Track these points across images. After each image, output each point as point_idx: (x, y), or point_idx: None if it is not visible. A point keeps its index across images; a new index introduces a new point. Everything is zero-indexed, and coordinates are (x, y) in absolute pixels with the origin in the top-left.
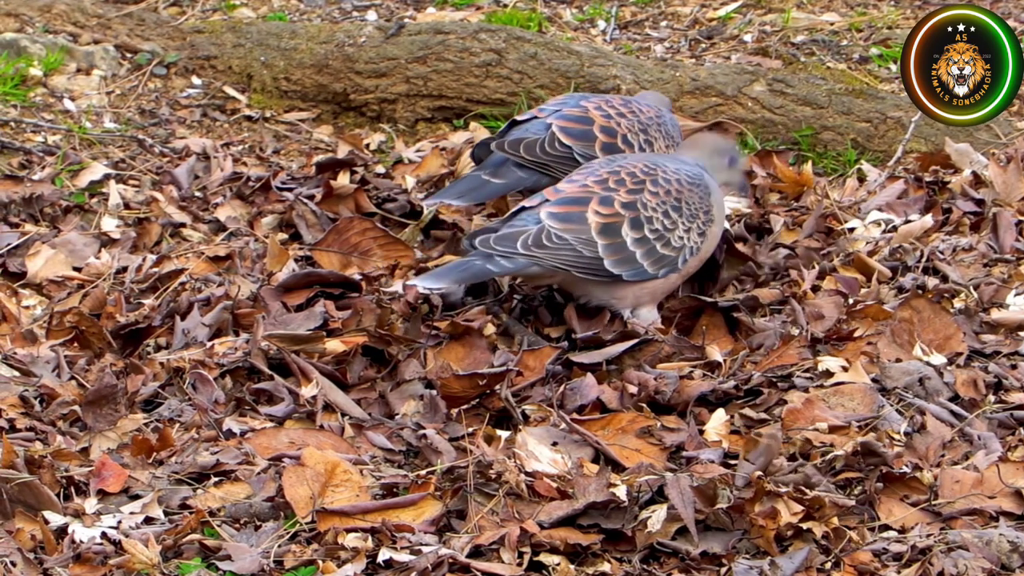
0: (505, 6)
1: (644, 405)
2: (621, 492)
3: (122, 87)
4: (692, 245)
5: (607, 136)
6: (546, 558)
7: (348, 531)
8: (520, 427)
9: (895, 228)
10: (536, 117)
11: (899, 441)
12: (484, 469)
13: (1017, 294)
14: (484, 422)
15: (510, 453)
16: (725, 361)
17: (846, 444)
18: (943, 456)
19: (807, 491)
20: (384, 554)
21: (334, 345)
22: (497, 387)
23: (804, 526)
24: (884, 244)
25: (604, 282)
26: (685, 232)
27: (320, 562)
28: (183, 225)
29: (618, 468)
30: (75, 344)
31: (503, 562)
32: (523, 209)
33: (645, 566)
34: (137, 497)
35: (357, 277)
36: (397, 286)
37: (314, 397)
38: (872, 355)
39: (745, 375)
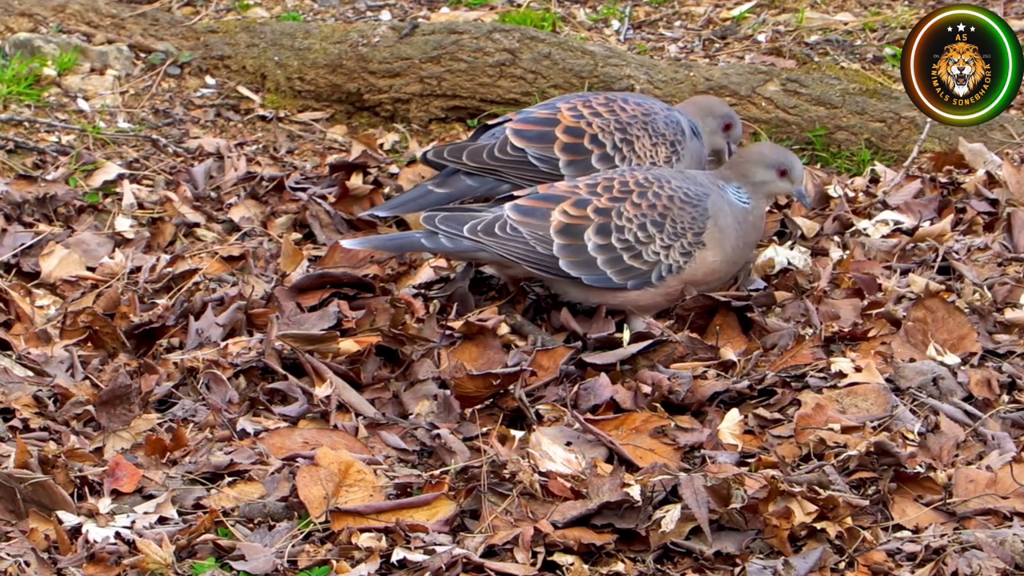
0: (519, 6)
1: (658, 405)
2: (635, 492)
3: (136, 87)
4: (672, 263)
5: (570, 136)
6: (560, 558)
7: (362, 531)
8: (534, 427)
9: (912, 229)
10: (507, 119)
11: (913, 441)
12: (498, 469)
13: None
14: (498, 422)
15: (524, 453)
16: (739, 361)
17: (860, 444)
18: (957, 456)
19: (821, 491)
20: (398, 554)
21: (348, 345)
22: (511, 387)
23: (818, 526)
24: (899, 244)
25: (573, 283)
26: (663, 248)
27: (334, 562)
28: (197, 225)
29: (632, 468)
30: (89, 344)
31: (517, 562)
32: (511, 198)
33: (659, 566)
34: (151, 497)
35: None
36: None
37: (328, 397)
38: (886, 355)
39: (759, 375)
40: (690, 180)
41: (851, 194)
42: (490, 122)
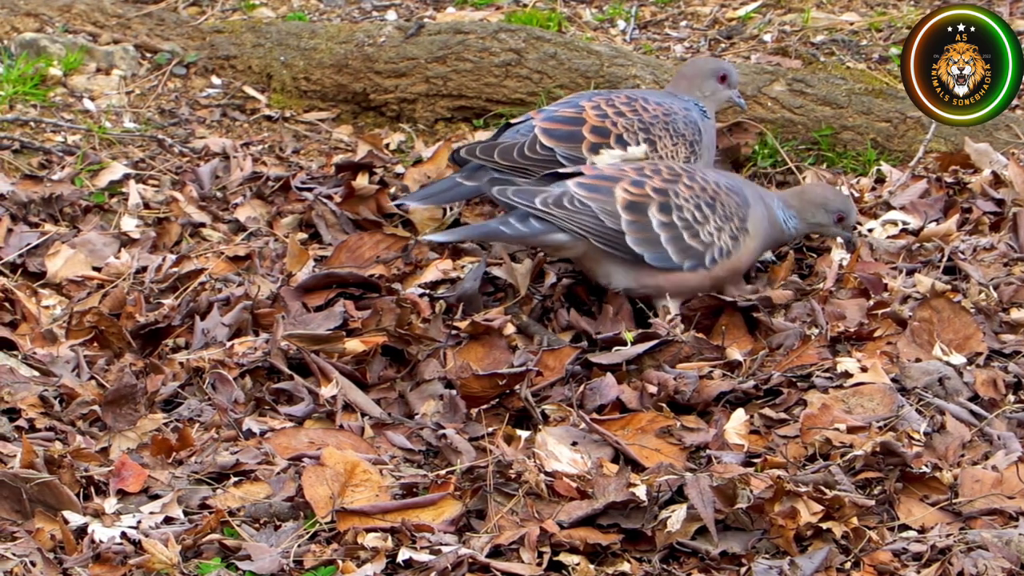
0: (525, 6)
1: (663, 405)
2: (641, 492)
3: (142, 87)
4: (722, 246)
5: (597, 136)
6: (566, 558)
7: (368, 531)
8: (540, 427)
9: (918, 229)
10: (530, 119)
11: (919, 441)
12: (504, 469)
13: None
14: (504, 422)
15: (530, 453)
16: (745, 361)
17: (866, 444)
18: (963, 456)
19: (827, 491)
20: (404, 554)
21: (354, 345)
22: (517, 387)
23: (824, 526)
24: (905, 244)
25: (626, 264)
26: (716, 230)
27: (340, 562)
28: (203, 225)
29: (638, 468)
30: (95, 344)
31: (523, 562)
32: (557, 176)
33: (665, 566)
34: (157, 497)
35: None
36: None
37: (334, 397)
38: (892, 355)
39: (765, 375)
40: (721, 173)
41: (857, 194)
42: (513, 120)
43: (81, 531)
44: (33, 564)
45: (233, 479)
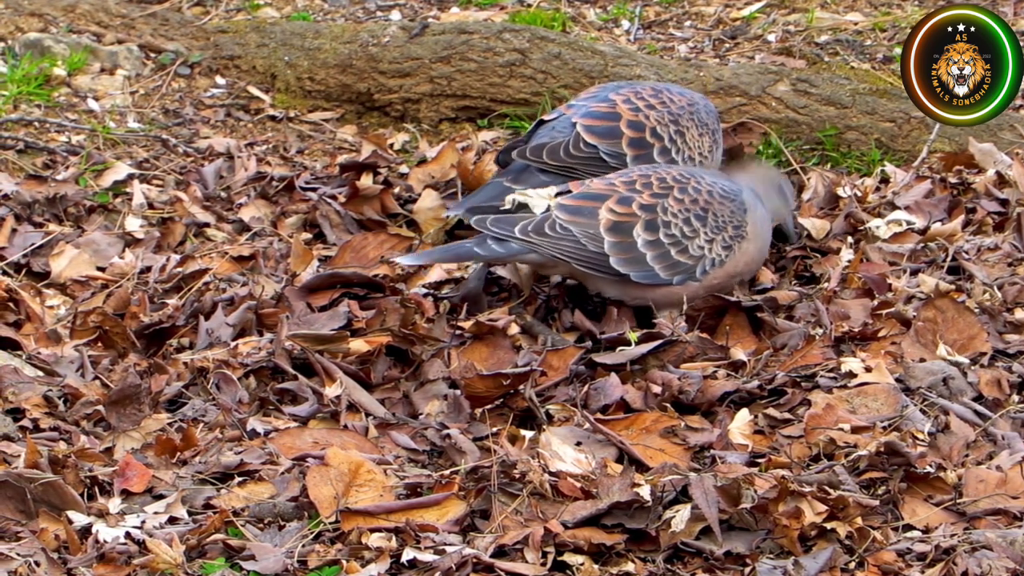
0: (529, 6)
1: (668, 405)
2: (645, 492)
3: (146, 87)
4: (715, 257)
5: (634, 131)
6: (570, 558)
7: (372, 531)
8: (544, 427)
9: (922, 229)
10: (563, 115)
11: (923, 441)
12: (508, 469)
13: None
14: (508, 422)
15: (534, 453)
16: (749, 361)
17: (870, 444)
18: (967, 456)
19: (831, 491)
20: (408, 554)
21: (358, 345)
22: (521, 387)
23: (828, 526)
24: (909, 244)
25: (614, 281)
26: (707, 242)
27: (344, 562)
28: (207, 225)
29: (642, 468)
30: (99, 344)
31: (527, 562)
32: None
33: (669, 566)
34: (161, 497)
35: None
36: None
37: (338, 397)
38: (896, 355)
39: (769, 375)
40: (719, 176)
41: (861, 194)
42: (545, 117)
43: (85, 531)
44: (37, 564)
45: (237, 479)
